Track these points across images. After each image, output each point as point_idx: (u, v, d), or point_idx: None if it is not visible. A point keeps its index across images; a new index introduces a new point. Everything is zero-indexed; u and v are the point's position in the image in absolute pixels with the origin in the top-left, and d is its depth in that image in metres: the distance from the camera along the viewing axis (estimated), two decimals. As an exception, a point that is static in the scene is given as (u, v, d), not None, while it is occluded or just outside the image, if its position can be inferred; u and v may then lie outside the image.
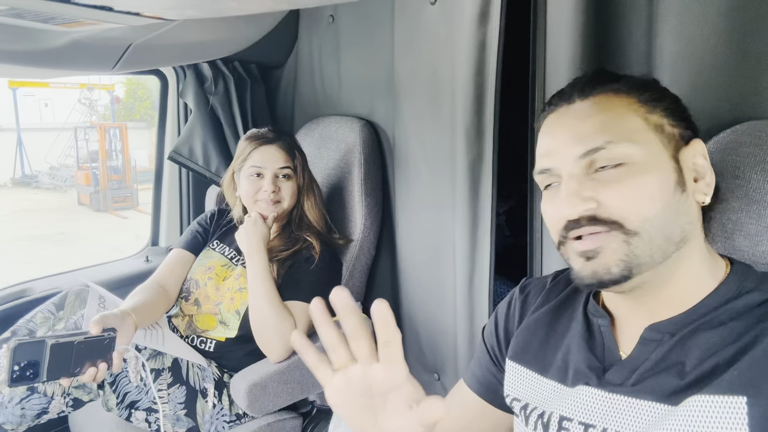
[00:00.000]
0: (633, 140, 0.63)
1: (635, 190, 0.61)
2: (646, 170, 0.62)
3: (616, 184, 0.62)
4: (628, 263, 0.61)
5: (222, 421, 1.36)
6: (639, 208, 0.61)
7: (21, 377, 0.97)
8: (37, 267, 7.84)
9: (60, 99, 20.20)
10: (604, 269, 0.62)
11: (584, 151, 0.63)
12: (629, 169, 0.62)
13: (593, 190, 0.62)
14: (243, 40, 1.76)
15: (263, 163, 1.47)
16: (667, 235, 0.62)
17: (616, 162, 0.62)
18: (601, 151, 0.63)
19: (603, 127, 0.63)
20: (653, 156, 0.63)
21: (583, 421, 0.66)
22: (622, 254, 0.61)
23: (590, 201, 0.62)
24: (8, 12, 0.97)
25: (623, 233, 0.61)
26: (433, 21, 1.36)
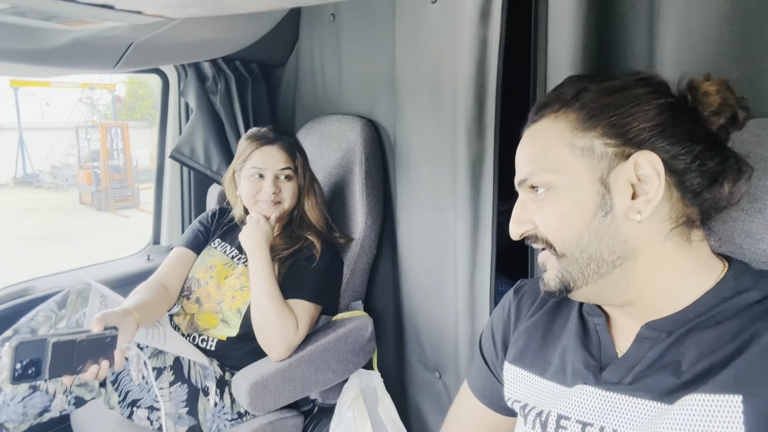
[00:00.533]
0: (552, 170, 0.66)
1: (553, 215, 0.67)
2: (562, 197, 0.66)
3: (542, 209, 0.68)
4: (562, 279, 0.68)
5: (223, 419, 1.36)
6: (558, 232, 0.66)
7: (23, 375, 0.98)
8: (38, 266, 7.86)
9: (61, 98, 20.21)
10: (547, 281, 0.70)
11: (519, 180, 0.71)
12: (551, 195, 0.67)
13: (532, 213, 0.69)
14: (244, 39, 1.76)
15: (264, 164, 1.47)
16: (590, 255, 0.65)
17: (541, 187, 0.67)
18: (526, 181, 0.69)
19: (529, 159, 0.70)
20: (571, 183, 0.65)
21: (581, 419, 0.67)
22: (556, 270, 0.68)
23: (527, 223, 0.69)
24: (10, 10, 0.98)
25: (553, 252, 0.68)
26: (434, 20, 1.36)
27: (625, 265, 0.64)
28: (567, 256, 0.66)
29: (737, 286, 0.64)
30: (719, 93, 0.65)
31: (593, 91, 0.66)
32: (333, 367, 1.46)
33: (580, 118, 0.66)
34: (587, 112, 0.65)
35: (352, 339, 1.51)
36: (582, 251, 0.65)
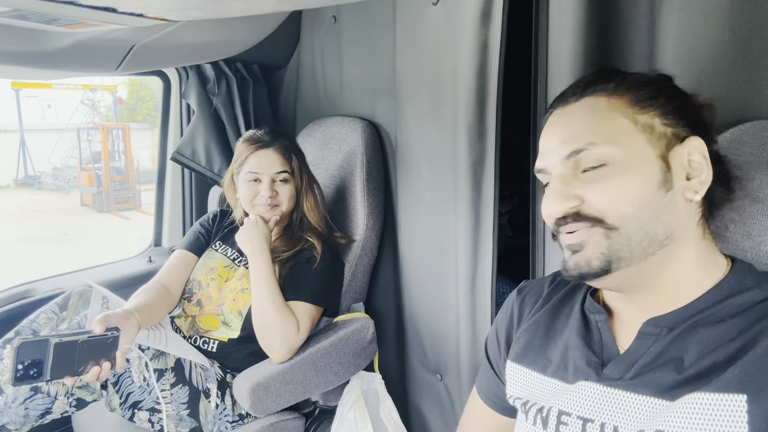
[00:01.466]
0: (615, 141, 0.65)
1: (615, 188, 0.64)
2: (626, 170, 0.64)
3: (598, 183, 0.65)
4: (607, 257, 0.64)
5: (225, 421, 1.36)
6: (618, 206, 0.64)
7: (25, 376, 0.98)
8: (40, 268, 7.87)
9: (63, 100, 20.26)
10: (585, 262, 0.65)
11: (568, 153, 0.67)
12: (611, 169, 0.64)
13: (579, 189, 0.66)
14: (245, 41, 1.77)
15: (260, 168, 1.47)
16: (647, 231, 0.64)
17: (598, 162, 0.65)
18: (583, 152, 0.66)
19: (587, 130, 0.67)
20: (636, 156, 0.65)
21: (582, 415, 0.67)
22: (603, 248, 0.64)
23: (573, 199, 0.65)
24: (12, 13, 0.98)
25: (604, 228, 0.64)
26: (435, 21, 1.36)
27: (669, 246, 0.65)
28: (620, 232, 0.63)
29: (740, 285, 0.64)
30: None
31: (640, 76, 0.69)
32: (334, 369, 1.46)
33: (638, 96, 0.67)
34: (644, 93, 0.67)
35: (353, 341, 1.51)
36: (641, 227, 0.63)
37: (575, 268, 0.66)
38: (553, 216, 0.67)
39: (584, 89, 0.70)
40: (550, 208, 0.67)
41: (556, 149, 0.68)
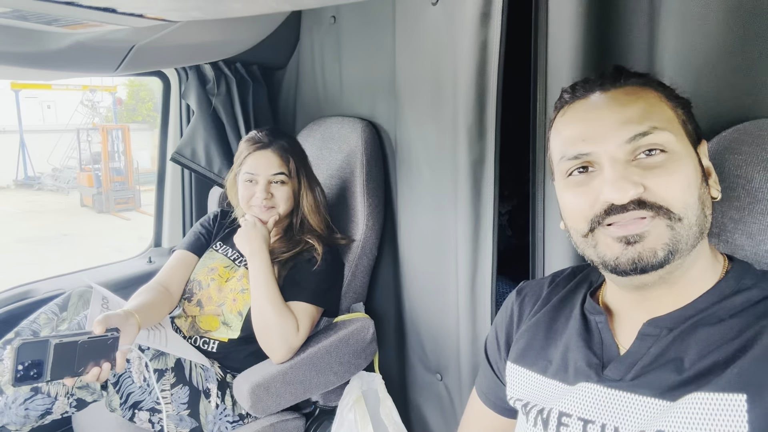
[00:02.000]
0: (671, 130, 0.64)
1: (679, 176, 0.62)
2: (683, 159, 0.63)
3: (662, 170, 0.62)
4: (671, 247, 0.61)
5: (225, 421, 1.36)
6: (683, 195, 0.62)
7: (25, 377, 0.98)
8: (40, 268, 7.87)
9: (62, 101, 20.24)
10: (650, 252, 0.61)
11: (631, 136, 0.63)
12: (670, 156, 0.63)
13: (639, 176, 0.62)
14: (245, 41, 1.77)
15: (256, 169, 1.47)
16: (700, 223, 0.63)
17: (658, 148, 0.63)
18: (648, 136, 0.62)
19: (647, 113, 0.64)
20: (686, 147, 0.65)
21: (582, 416, 0.67)
22: (667, 238, 0.61)
23: (639, 185, 0.61)
24: (12, 14, 0.98)
25: (668, 218, 0.61)
26: (434, 21, 1.36)
27: (701, 241, 0.65)
28: (683, 222, 0.62)
29: (738, 285, 0.64)
30: None
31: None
32: (334, 369, 1.46)
33: (668, 93, 0.67)
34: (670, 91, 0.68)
35: (353, 341, 1.51)
36: (696, 217, 0.63)
37: (637, 260, 0.62)
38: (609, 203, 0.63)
39: (625, 77, 0.68)
40: (610, 195, 0.62)
41: (611, 133, 0.64)
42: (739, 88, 0.88)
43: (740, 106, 0.87)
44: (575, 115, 0.69)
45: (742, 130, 0.79)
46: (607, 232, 0.64)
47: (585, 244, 0.67)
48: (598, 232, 0.65)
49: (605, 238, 0.64)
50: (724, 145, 0.79)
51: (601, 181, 0.63)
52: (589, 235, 0.66)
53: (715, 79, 0.90)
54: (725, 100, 0.89)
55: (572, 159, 0.67)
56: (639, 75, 0.68)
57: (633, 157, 0.63)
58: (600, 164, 0.64)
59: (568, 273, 0.85)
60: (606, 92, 0.67)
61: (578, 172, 0.67)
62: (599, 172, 0.64)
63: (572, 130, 0.68)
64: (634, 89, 0.66)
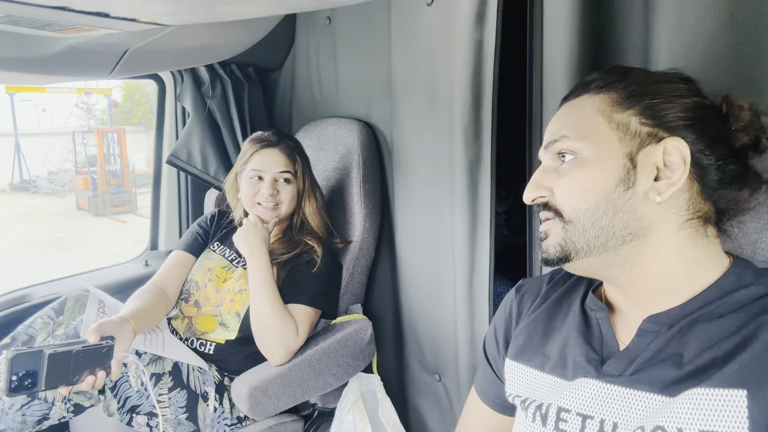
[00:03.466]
0: (585, 137, 0.68)
1: (573, 183, 0.69)
2: (588, 166, 0.68)
3: (563, 177, 0.70)
4: (564, 247, 0.69)
5: (223, 424, 1.36)
6: (572, 200, 0.68)
7: (19, 387, 0.97)
8: (36, 272, 7.84)
9: (57, 104, 20.18)
10: (546, 248, 0.72)
11: (546, 143, 0.73)
12: (576, 163, 0.69)
13: (551, 181, 0.71)
14: (240, 43, 1.76)
15: (263, 166, 1.47)
16: (603, 226, 0.66)
17: (568, 154, 0.70)
18: (556, 143, 0.71)
19: (565, 124, 0.72)
20: (602, 153, 0.67)
21: (581, 412, 0.67)
22: (560, 239, 0.69)
23: (542, 190, 0.72)
24: (4, 19, 0.97)
25: (561, 221, 0.69)
26: (429, 22, 1.36)
27: (634, 242, 0.66)
28: (574, 224, 0.68)
29: (739, 282, 0.65)
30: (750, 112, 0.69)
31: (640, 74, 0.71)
32: (333, 371, 1.46)
33: (622, 96, 0.69)
34: (630, 91, 0.69)
35: (351, 342, 1.51)
36: (594, 222, 0.67)
37: (543, 253, 0.72)
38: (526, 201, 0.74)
39: (583, 87, 0.73)
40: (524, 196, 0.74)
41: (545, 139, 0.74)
42: (736, 86, 0.88)
43: (735, 104, 0.87)
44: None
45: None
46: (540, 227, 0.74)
47: None
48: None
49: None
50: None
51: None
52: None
53: (712, 77, 0.90)
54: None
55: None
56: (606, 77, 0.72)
57: (558, 163, 0.71)
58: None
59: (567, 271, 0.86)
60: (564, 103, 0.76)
61: None
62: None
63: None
64: (581, 99, 0.73)
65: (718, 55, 0.89)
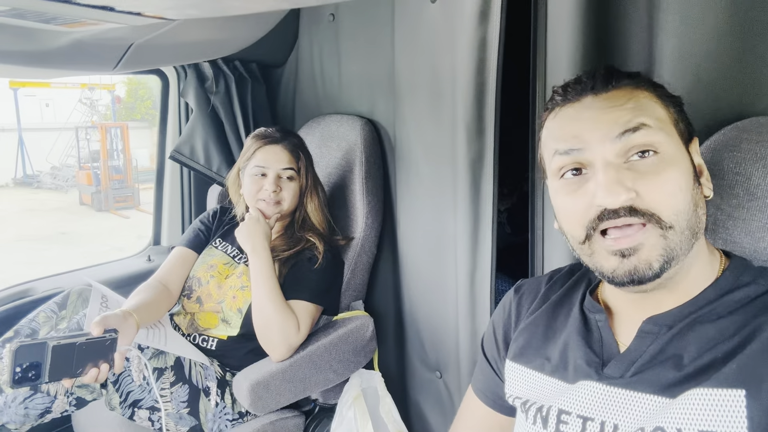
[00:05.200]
0: (663, 129, 0.63)
1: (670, 182, 0.61)
2: (675, 162, 0.62)
3: (653, 175, 0.61)
4: (666, 257, 0.61)
5: (225, 419, 1.36)
6: (673, 201, 0.61)
7: (23, 378, 0.98)
8: (39, 267, 7.86)
9: (61, 99, 20.21)
10: (646, 265, 0.61)
11: (622, 131, 0.62)
12: (662, 159, 0.62)
13: (631, 181, 0.61)
14: (244, 39, 1.76)
15: (267, 162, 1.47)
16: (692, 226, 0.62)
17: (650, 148, 0.62)
18: (638, 133, 0.62)
19: (638, 112, 0.63)
20: (678, 147, 0.64)
21: (582, 414, 0.67)
22: (661, 249, 0.61)
23: (631, 191, 0.61)
24: (10, 12, 0.98)
25: (659, 227, 0.61)
26: (433, 19, 1.36)
27: (696, 242, 0.64)
28: (674, 229, 0.61)
29: (737, 281, 0.65)
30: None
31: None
32: (334, 367, 1.46)
33: (659, 93, 0.67)
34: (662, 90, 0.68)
35: (352, 339, 1.51)
36: (688, 222, 0.61)
37: (633, 273, 0.61)
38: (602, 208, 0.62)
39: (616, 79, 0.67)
40: (603, 199, 0.61)
41: (603, 129, 0.63)
42: (738, 86, 0.88)
43: (739, 103, 0.87)
44: (567, 116, 0.68)
45: (741, 127, 0.79)
46: (604, 244, 0.63)
47: (581, 251, 0.67)
48: (595, 241, 0.64)
49: (601, 249, 0.64)
50: (723, 142, 0.79)
51: (594, 185, 0.63)
52: (586, 242, 0.65)
53: (714, 76, 0.90)
54: (724, 97, 0.89)
55: (564, 154, 0.66)
56: (630, 75, 0.68)
57: (626, 159, 0.63)
58: (593, 166, 0.64)
59: (566, 271, 0.86)
60: (597, 95, 0.67)
61: (572, 174, 0.66)
62: (592, 175, 0.64)
63: (565, 130, 0.68)
64: (626, 91, 0.66)
65: (721, 55, 0.89)
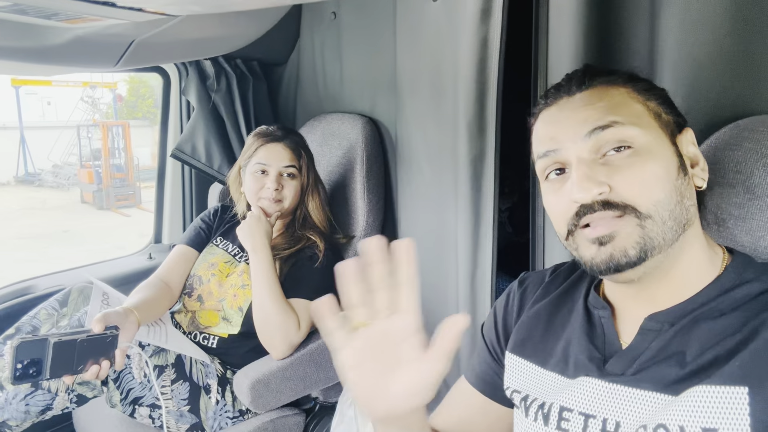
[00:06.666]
0: (637, 124, 0.64)
1: (645, 173, 0.62)
2: (651, 154, 0.63)
3: (627, 168, 0.62)
4: (643, 246, 0.61)
5: (225, 417, 1.36)
6: (650, 192, 0.62)
7: (24, 375, 0.98)
8: (40, 265, 7.87)
9: (63, 97, 20.27)
10: (621, 252, 0.62)
11: (591, 129, 0.64)
12: (636, 153, 0.63)
13: (605, 175, 0.62)
14: (245, 36, 1.76)
15: (268, 160, 1.47)
16: (676, 216, 0.63)
17: (622, 144, 0.63)
18: (608, 130, 0.63)
19: (608, 110, 0.64)
20: (656, 140, 0.64)
21: (584, 411, 0.67)
22: (637, 236, 0.61)
23: (603, 185, 0.62)
24: (11, 8, 0.98)
25: (636, 217, 0.61)
26: (435, 17, 1.36)
27: (687, 232, 0.65)
28: (653, 219, 0.61)
29: (740, 278, 0.64)
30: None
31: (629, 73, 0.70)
32: (334, 365, 1.46)
33: (638, 87, 0.68)
34: (642, 84, 0.68)
35: (353, 337, 1.51)
36: (670, 212, 0.62)
37: (609, 261, 0.62)
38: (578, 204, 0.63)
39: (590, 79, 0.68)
40: (576, 195, 0.63)
41: (574, 128, 0.65)
42: (739, 84, 0.88)
43: (740, 101, 0.87)
44: (545, 119, 0.71)
45: (742, 126, 0.79)
46: (584, 234, 0.64)
47: (569, 246, 0.68)
48: (577, 234, 0.65)
49: (582, 240, 0.65)
50: (724, 140, 0.79)
51: (570, 183, 0.65)
52: (569, 237, 0.67)
53: (715, 74, 0.90)
54: (725, 96, 0.89)
55: (543, 157, 0.69)
56: (606, 73, 0.69)
57: (601, 156, 0.64)
58: (570, 165, 0.66)
59: (570, 265, 0.85)
60: (572, 96, 0.69)
61: (555, 174, 0.68)
62: (570, 173, 0.66)
63: (542, 132, 0.70)
64: (600, 89, 0.67)
65: (722, 53, 0.89)
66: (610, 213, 0.62)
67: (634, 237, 0.61)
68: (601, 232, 0.63)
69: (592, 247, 0.64)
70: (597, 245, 0.63)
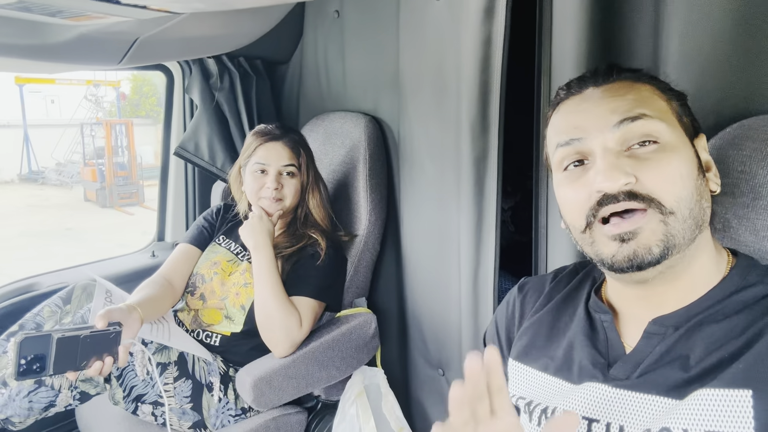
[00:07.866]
0: (664, 120, 0.64)
1: (671, 169, 0.62)
2: (676, 150, 0.63)
3: (653, 162, 0.62)
4: (666, 243, 0.61)
5: (227, 415, 1.36)
6: (674, 187, 0.61)
7: (28, 371, 0.98)
8: (43, 262, 7.89)
9: (66, 95, 20.29)
10: (645, 249, 0.61)
11: (620, 119, 0.63)
12: (662, 148, 0.63)
13: (631, 167, 0.62)
14: (248, 35, 1.77)
15: (267, 159, 1.47)
16: (695, 216, 0.62)
17: (648, 138, 0.63)
18: (637, 122, 0.63)
19: (638, 102, 0.64)
20: (680, 138, 0.65)
21: (587, 415, 0.66)
22: (661, 234, 0.61)
23: (630, 176, 0.61)
24: (16, 6, 0.98)
25: (660, 212, 0.61)
26: (438, 16, 1.36)
27: (701, 234, 0.64)
28: (676, 215, 0.61)
29: (743, 281, 0.64)
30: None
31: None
32: (336, 364, 1.47)
33: (661, 87, 0.68)
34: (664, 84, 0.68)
35: (355, 336, 1.51)
36: (690, 210, 0.62)
37: (633, 257, 0.61)
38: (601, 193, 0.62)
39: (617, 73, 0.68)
40: (601, 184, 0.62)
41: (603, 118, 0.64)
42: (743, 83, 0.87)
43: (744, 101, 0.87)
44: (569, 109, 0.70)
45: (746, 125, 0.79)
46: (603, 230, 0.64)
47: (583, 240, 0.67)
48: (595, 229, 0.64)
49: (601, 236, 0.64)
50: (728, 141, 0.79)
51: (594, 172, 0.63)
52: (587, 231, 0.65)
53: (719, 74, 0.90)
54: (729, 96, 0.88)
55: (565, 145, 0.67)
56: (632, 70, 0.69)
57: (626, 148, 0.63)
58: (594, 155, 0.65)
59: (571, 269, 0.85)
60: (599, 87, 0.68)
61: (574, 166, 0.67)
62: (593, 163, 0.65)
63: (566, 121, 0.69)
64: (627, 83, 0.67)
65: (726, 53, 0.88)
66: (634, 204, 0.61)
67: (658, 234, 0.61)
68: (624, 228, 0.62)
69: (612, 244, 0.63)
70: (618, 242, 0.62)
